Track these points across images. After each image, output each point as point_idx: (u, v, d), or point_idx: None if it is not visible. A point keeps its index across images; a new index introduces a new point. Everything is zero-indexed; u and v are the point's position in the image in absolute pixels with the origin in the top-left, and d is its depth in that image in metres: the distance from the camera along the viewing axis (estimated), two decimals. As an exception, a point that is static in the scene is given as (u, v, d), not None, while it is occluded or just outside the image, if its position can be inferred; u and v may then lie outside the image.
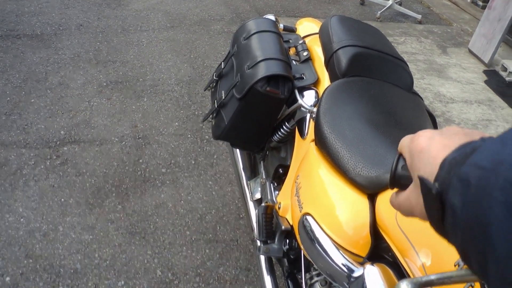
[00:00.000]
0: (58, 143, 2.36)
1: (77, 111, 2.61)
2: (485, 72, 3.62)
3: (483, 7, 4.54)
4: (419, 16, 4.42)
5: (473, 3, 5.08)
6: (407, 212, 0.47)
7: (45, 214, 1.95)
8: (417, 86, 3.24)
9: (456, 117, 2.98)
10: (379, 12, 4.37)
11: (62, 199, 2.03)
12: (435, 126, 1.20)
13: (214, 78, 1.51)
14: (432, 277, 0.43)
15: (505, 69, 3.52)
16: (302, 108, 1.22)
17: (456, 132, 0.43)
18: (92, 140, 2.40)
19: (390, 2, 4.46)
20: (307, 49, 1.39)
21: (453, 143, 0.40)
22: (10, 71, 2.94)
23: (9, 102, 2.64)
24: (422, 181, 0.41)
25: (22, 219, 1.92)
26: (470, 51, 3.93)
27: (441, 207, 0.37)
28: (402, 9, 4.49)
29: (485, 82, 3.47)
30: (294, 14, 4.32)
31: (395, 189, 0.51)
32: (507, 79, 3.47)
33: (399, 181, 0.49)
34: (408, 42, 4.00)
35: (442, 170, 0.38)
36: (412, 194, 0.45)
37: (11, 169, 2.17)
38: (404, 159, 0.49)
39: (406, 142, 0.49)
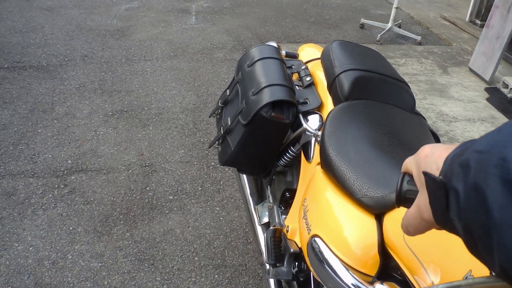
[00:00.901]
0: (65, 172, 2.38)
1: (83, 141, 2.65)
2: (486, 89, 3.65)
3: (481, 26, 4.60)
4: (418, 37, 4.48)
5: (471, 22, 5.16)
6: (416, 222, 0.48)
7: (53, 242, 1.96)
8: (420, 106, 3.27)
9: (459, 135, 2.99)
10: (379, 35, 4.43)
11: (71, 227, 2.04)
12: (438, 145, 1.22)
13: (220, 105, 1.54)
14: (440, 286, 0.44)
15: (506, 86, 3.55)
16: (307, 132, 1.24)
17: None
18: (99, 169, 2.42)
19: (389, 25, 4.52)
20: (309, 74, 1.42)
21: (455, 146, 0.44)
22: (17, 102, 2.99)
23: (17, 132, 2.68)
24: (427, 175, 0.43)
25: (31, 248, 1.93)
26: (471, 70, 3.97)
27: (446, 196, 0.40)
28: (401, 31, 4.56)
29: (487, 99, 3.49)
30: (296, 40, 4.40)
31: (403, 208, 0.53)
32: (508, 95, 3.49)
33: (405, 196, 0.51)
34: (409, 64, 4.05)
35: (446, 164, 0.42)
36: (420, 199, 0.47)
37: (20, 199, 2.19)
38: (409, 176, 0.51)
39: (410, 160, 0.51)
